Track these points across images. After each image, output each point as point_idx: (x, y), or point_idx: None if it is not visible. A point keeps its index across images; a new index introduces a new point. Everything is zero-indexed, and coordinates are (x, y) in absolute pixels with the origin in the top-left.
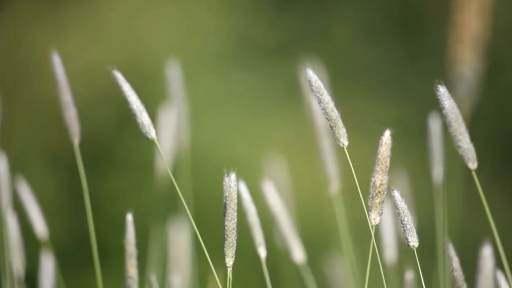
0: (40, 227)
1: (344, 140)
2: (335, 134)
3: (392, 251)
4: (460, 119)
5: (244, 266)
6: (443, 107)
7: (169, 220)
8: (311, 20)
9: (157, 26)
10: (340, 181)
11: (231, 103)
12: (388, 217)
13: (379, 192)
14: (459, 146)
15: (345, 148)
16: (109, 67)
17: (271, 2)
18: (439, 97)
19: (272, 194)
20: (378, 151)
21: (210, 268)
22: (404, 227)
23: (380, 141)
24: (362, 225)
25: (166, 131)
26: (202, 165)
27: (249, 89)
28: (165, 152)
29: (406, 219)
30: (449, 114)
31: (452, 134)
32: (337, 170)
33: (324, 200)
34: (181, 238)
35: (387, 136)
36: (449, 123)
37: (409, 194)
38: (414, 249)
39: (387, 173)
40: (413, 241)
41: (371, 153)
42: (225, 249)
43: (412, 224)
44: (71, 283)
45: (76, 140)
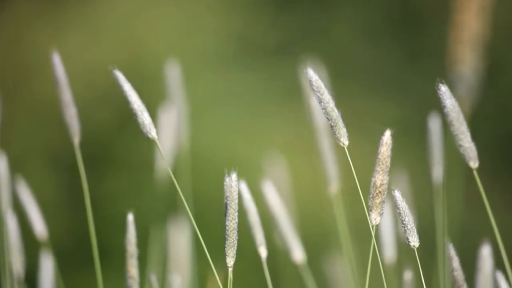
0: (40, 228)
1: (345, 140)
2: (335, 134)
3: (391, 251)
4: (462, 118)
5: (244, 266)
6: (444, 106)
7: (169, 220)
8: (311, 20)
9: (157, 26)
10: (340, 181)
11: (231, 103)
12: (388, 217)
13: (380, 192)
14: (460, 145)
15: (345, 148)
16: (110, 67)
17: (271, 2)
18: (441, 96)
19: (272, 194)
20: (378, 151)
21: (210, 268)
22: (405, 227)
23: (381, 141)
24: (362, 225)
25: (166, 131)
26: (202, 165)
27: (249, 89)
28: (165, 152)
29: (407, 219)
30: (451, 113)
31: (453, 133)
32: (337, 170)
33: (324, 200)
34: (181, 238)
35: (387, 136)
36: (450, 122)
37: (409, 194)
38: (415, 249)
39: (387, 173)
40: (413, 241)
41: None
42: (226, 249)
43: (413, 224)
44: (71, 283)
45: (76, 140)
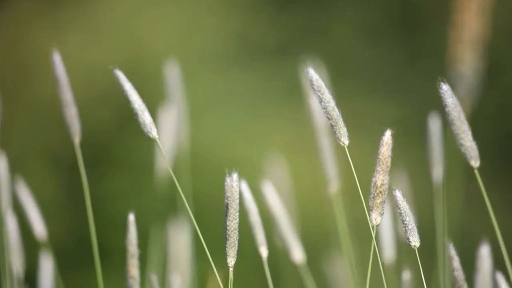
0: (39, 228)
1: (345, 139)
2: (336, 133)
3: (390, 251)
4: (463, 117)
5: (244, 266)
6: (445, 105)
7: (169, 220)
8: (311, 20)
9: (157, 26)
10: (340, 181)
11: (231, 103)
12: (387, 217)
13: (380, 192)
14: (462, 144)
15: (345, 147)
16: (110, 66)
17: (271, 2)
18: (442, 95)
19: (271, 194)
20: (379, 151)
21: (210, 268)
22: (405, 227)
23: (381, 141)
24: (362, 225)
25: (166, 131)
26: (202, 165)
27: (249, 89)
28: (165, 152)
29: (408, 219)
30: (452, 112)
31: (454, 132)
32: (336, 170)
33: (324, 200)
34: (181, 238)
35: (388, 136)
36: (452, 121)
37: (409, 194)
38: (416, 249)
39: (388, 173)
40: (414, 241)
41: (371, 153)
42: (227, 249)
43: (414, 224)
44: (71, 283)
45: (77, 139)
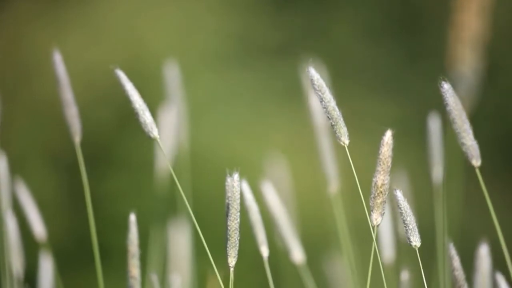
0: (39, 229)
1: (345, 139)
2: (336, 133)
3: (390, 250)
4: (464, 116)
5: (244, 266)
6: (447, 104)
7: (169, 220)
8: (311, 20)
9: (157, 26)
10: (341, 181)
11: (231, 103)
12: (386, 217)
13: (381, 192)
14: (463, 143)
15: (346, 147)
16: (111, 66)
17: (271, 2)
18: (443, 94)
19: (271, 195)
20: (379, 151)
21: (210, 268)
22: (406, 226)
23: (382, 141)
24: (362, 225)
25: (166, 131)
26: (202, 165)
27: (249, 89)
28: (165, 151)
29: (409, 218)
30: (453, 110)
31: (455, 131)
32: (336, 169)
33: (324, 200)
34: (181, 238)
35: (388, 136)
36: (453, 120)
37: (409, 194)
38: (416, 249)
39: (388, 173)
40: (415, 240)
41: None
42: (227, 249)
43: (415, 224)
44: (71, 283)
45: (77, 139)
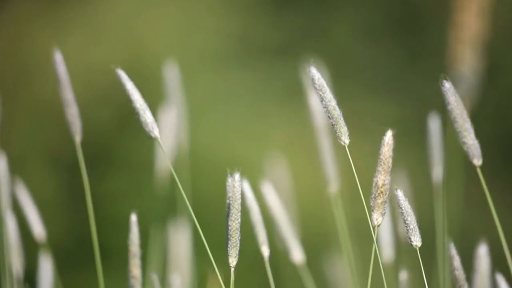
0: (38, 230)
1: (346, 139)
2: (336, 132)
3: (389, 250)
4: (465, 115)
5: (244, 266)
6: (448, 103)
7: (169, 220)
8: (311, 20)
9: (157, 26)
10: (341, 180)
11: (231, 103)
12: (386, 217)
13: (382, 192)
14: (464, 143)
15: (346, 147)
16: (112, 66)
17: (271, 2)
18: (444, 93)
19: (271, 195)
20: (380, 151)
21: (210, 268)
22: (407, 226)
23: (382, 141)
24: (362, 225)
25: (166, 131)
26: (202, 165)
27: (249, 89)
28: (166, 151)
29: (410, 218)
30: (454, 109)
31: (457, 130)
32: (336, 169)
33: (324, 200)
34: (181, 238)
35: (389, 136)
36: (454, 119)
37: (409, 194)
38: (417, 249)
39: (389, 173)
40: (416, 240)
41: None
42: (228, 249)
43: (415, 224)
44: (71, 283)
45: (78, 138)
